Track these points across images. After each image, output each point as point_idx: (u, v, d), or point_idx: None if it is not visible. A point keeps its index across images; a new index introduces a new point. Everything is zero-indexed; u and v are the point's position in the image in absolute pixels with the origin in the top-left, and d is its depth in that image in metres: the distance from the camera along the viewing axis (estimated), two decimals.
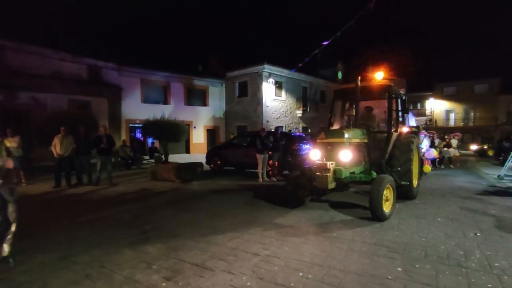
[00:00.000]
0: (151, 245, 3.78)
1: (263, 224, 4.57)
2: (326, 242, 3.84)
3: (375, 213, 4.60)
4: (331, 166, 4.78)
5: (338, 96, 6.92)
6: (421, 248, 3.62)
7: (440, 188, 8.01)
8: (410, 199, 6.18)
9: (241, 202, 6.23)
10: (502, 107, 30.36)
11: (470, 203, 6.14)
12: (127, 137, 16.86)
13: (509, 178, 9.51)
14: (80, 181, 8.31)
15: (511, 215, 5.16)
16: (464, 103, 32.48)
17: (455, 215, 5.18)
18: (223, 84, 21.99)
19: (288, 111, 21.69)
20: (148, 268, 3.10)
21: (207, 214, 5.25)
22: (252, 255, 3.41)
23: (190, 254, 3.46)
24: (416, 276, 2.88)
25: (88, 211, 5.55)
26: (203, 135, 21.15)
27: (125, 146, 13.18)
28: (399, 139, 6.15)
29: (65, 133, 7.94)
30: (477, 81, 31.43)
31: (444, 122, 33.42)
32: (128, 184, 8.64)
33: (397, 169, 5.78)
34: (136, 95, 17.85)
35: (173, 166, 9.06)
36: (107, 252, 3.53)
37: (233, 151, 11.14)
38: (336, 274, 2.93)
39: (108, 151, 8.28)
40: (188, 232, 4.28)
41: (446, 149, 13.84)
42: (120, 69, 17.07)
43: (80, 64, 15.72)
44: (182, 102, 20.00)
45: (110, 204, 6.20)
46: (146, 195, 7.06)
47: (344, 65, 28.62)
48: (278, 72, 20.34)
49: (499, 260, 3.26)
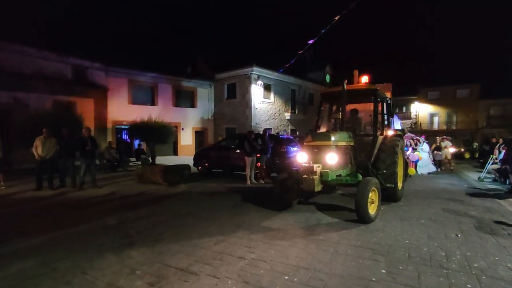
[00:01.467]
0: (135, 249, 3.71)
1: (250, 227, 4.57)
2: (313, 245, 3.86)
3: (360, 216, 4.66)
4: (317, 169, 4.82)
5: (325, 99, 7.00)
6: (405, 249, 3.69)
7: (424, 190, 8.19)
8: (395, 201, 6.29)
9: (228, 205, 6.20)
10: (482, 111, 31.39)
11: (452, 204, 6.31)
12: (113, 139, 16.55)
13: (489, 180, 9.83)
14: (63, 184, 8.09)
15: (490, 216, 5.33)
16: (447, 107, 33.40)
17: (438, 216, 5.30)
18: (211, 85, 21.91)
19: (277, 113, 21.78)
20: (131, 274, 3.04)
21: (194, 217, 5.20)
22: (238, 259, 3.39)
23: (175, 259, 3.42)
24: (399, 278, 2.92)
25: (70, 215, 5.41)
26: (191, 137, 20.98)
27: (111, 148, 12.93)
28: (385, 142, 6.26)
29: (47, 135, 7.73)
30: (459, 86, 32.38)
31: (428, 126, 34.22)
32: (113, 187, 8.47)
33: (383, 171, 5.88)
34: (123, 96, 17.55)
35: (160, 168, 8.94)
36: (89, 257, 3.45)
37: (221, 153, 11.08)
38: (321, 277, 2.95)
39: (92, 153, 8.10)
40: (174, 235, 4.23)
41: (438, 152, 13.77)
42: (107, 69, 16.76)
43: (65, 63, 15.35)
44: (170, 103, 19.80)
45: (94, 207, 6.06)
46: (131, 198, 6.94)
47: (332, 69, 28.99)
48: (267, 74, 20.41)
49: (478, 261, 3.36)
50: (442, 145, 14.05)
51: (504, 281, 2.88)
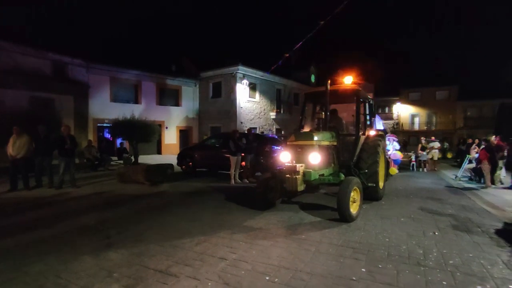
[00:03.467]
0: (114, 251, 3.61)
1: (233, 227, 4.53)
2: (295, 244, 3.87)
3: (342, 215, 4.71)
4: (300, 168, 4.84)
5: (308, 99, 7.04)
6: (385, 248, 3.75)
7: (405, 189, 8.40)
8: (376, 200, 6.41)
9: (211, 204, 6.14)
10: (460, 112, 32.57)
11: (431, 203, 6.49)
12: (94, 137, 16.09)
13: (465, 179, 10.19)
14: (39, 184, 7.78)
15: (465, 214, 5.51)
16: (427, 108, 34.42)
17: (417, 215, 5.44)
18: (196, 84, 21.67)
19: (262, 112, 21.79)
20: (108, 277, 2.94)
21: (176, 217, 5.11)
22: (219, 260, 3.35)
23: (154, 260, 3.34)
24: (378, 276, 2.97)
25: (47, 216, 5.20)
26: (175, 135, 20.69)
27: (91, 146, 12.55)
28: (367, 142, 6.36)
29: (17, 133, 7.39)
30: (439, 88, 33.46)
31: (409, 126, 35.17)
32: (93, 186, 8.22)
33: (364, 171, 5.98)
34: (105, 93, 17.08)
35: (142, 167, 8.76)
36: (64, 260, 3.32)
37: (205, 152, 10.98)
38: (302, 277, 2.96)
39: (71, 152, 7.83)
40: (154, 236, 4.14)
41: (422, 152, 13.91)
42: (88, 66, 16.25)
43: (43, 59, 14.77)
44: (154, 101, 19.43)
45: (72, 208, 5.86)
46: (112, 198, 6.75)
47: (317, 69, 29.27)
48: (252, 73, 20.38)
49: (453, 258, 3.46)
50: (428, 146, 14.03)
51: (476, 277, 2.98)
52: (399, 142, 13.83)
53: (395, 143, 13.01)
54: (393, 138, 13.17)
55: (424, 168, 13.71)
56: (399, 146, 13.37)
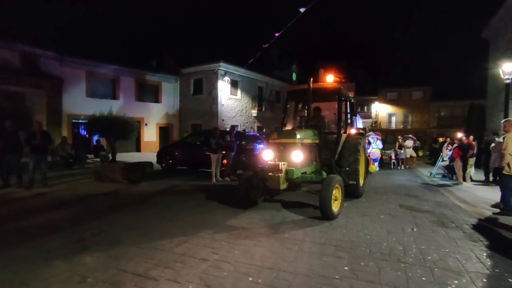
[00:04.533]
0: (88, 254, 3.42)
1: (214, 227, 4.44)
2: (277, 243, 3.83)
3: (324, 213, 4.73)
4: (283, 166, 4.81)
5: (291, 96, 7.03)
6: (366, 245, 3.79)
7: (383, 186, 8.61)
8: (356, 197, 6.51)
9: (192, 203, 6.01)
10: (433, 112, 34.01)
11: (408, 200, 6.68)
12: (69, 134, 15.40)
13: (439, 176, 10.61)
14: (7, 183, 7.31)
15: (440, 210, 5.71)
16: (404, 107, 35.66)
17: (396, 212, 5.57)
18: (177, 80, 21.23)
19: (244, 110, 21.70)
20: (82, 282, 2.78)
21: (155, 217, 4.95)
22: (201, 261, 3.26)
23: (132, 263, 3.20)
24: (361, 274, 2.98)
25: (15, 218, 4.88)
26: (155, 132, 20.20)
27: (66, 143, 11.97)
28: (348, 141, 6.44)
29: None
30: (414, 88, 34.74)
31: (387, 125, 36.29)
32: (67, 185, 7.84)
33: (346, 169, 6.04)
34: (80, 88, 16.37)
35: (120, 166, 8.46)
36: (34, 265, 3.10)
37: (186, 150, 10.76)
38: (286, 277, 2.92)
39: (42, 149, 7.40)
40: (132, 237, 3.98)
41: (400, 151, 14.16)
42: (62, 58, 15.50)
43: (12, 50, 13.94)
44: (132, 97, 18.86)
45: (43, 208, 5.52)
46: (87, 198, 6.45)
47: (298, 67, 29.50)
48: (234, 70, 20.23)
49: (431, 253, 3.55)
50: (406, 144, 14.17)
51: (453, 272, 3.06)
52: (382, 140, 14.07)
53: (378, 142, 13.30)
54: (376, 136, 13.48)
55: (402, 166, 14.06)
56: (382, 145, 13.69)
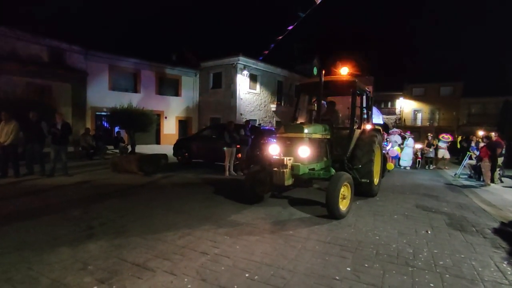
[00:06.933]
0: (93, 242, 3.50)
1: (219, 221, 4.41)
2: (281, 240, 3.74)
3: (331, 211, 4.55)
4: (288, 162, 4.66)
5: (303, 90, 6.81)
6: (373, 246, 3.62)
7: (402, 185, 8.25)
8: (371, 196, 6.26)
9: (201, 196, 6.02)
10: (463, 109, 32.20)
11: (427, 200, 6.35)
12: (92, 126, 15.96)
13: (465, 177, 10.02)
14: (31, 171, 7.68)
15: (460, 213, 5.37)
16: (431, 104, 34.03)
17: (411, 212, 5.30)
18: (197, 74, 21.41)
19: (262, 104, 21.55)
20: (82, 269, 2.84)
21: (163, 209, 5.00)
22: (201, 254, 3.23)
23: (133, 253, 3.23)
24: (363, 276, 2.84)
25: (32, 204, 5.10)
26: (174, 126, 20.54)
27: (87, 134, 12.43)
28: (362, 138, 6.15)
29: (6, 119, 7.25)
30: (443, 84, 33.02)
31: (412, 122, 34.83)
32: (85, 175, 8.13)
33: (358, 167, 5.80)
34: (103, 81, 16.90)
35: (135, 157, 8.64)
36: (40, 251, 3.21)
37: (201, 143, 10.83)
38: (284, 275, 2.84)
39: (63, 139, 7.69)
40: (138, 228, 4.03)
41: (428, 149, 13.20)
42: (87, 53, 16.04)
43: (40, 45, 14.58)
44: (153, 91, 19.24)
45: (59, 196, 5.74)
46: (102, 188, 6.65)
47: (320, 61, 28.85)
48: (253, 64, 20.08)
49: (444, 258, 3.32)
50: (440, 145, 12.99)
51: (466, 280, 2.85)
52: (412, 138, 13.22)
53: (410, 139, 12.64)
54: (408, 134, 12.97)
55: (430, 165, 13.17)
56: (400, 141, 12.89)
